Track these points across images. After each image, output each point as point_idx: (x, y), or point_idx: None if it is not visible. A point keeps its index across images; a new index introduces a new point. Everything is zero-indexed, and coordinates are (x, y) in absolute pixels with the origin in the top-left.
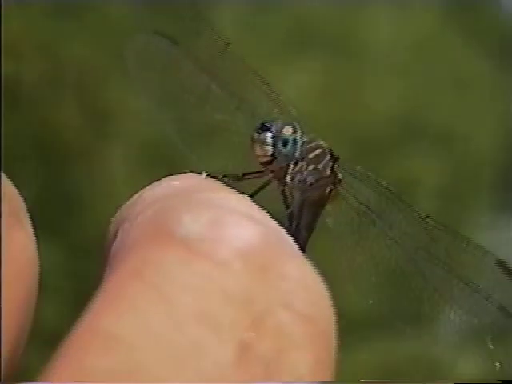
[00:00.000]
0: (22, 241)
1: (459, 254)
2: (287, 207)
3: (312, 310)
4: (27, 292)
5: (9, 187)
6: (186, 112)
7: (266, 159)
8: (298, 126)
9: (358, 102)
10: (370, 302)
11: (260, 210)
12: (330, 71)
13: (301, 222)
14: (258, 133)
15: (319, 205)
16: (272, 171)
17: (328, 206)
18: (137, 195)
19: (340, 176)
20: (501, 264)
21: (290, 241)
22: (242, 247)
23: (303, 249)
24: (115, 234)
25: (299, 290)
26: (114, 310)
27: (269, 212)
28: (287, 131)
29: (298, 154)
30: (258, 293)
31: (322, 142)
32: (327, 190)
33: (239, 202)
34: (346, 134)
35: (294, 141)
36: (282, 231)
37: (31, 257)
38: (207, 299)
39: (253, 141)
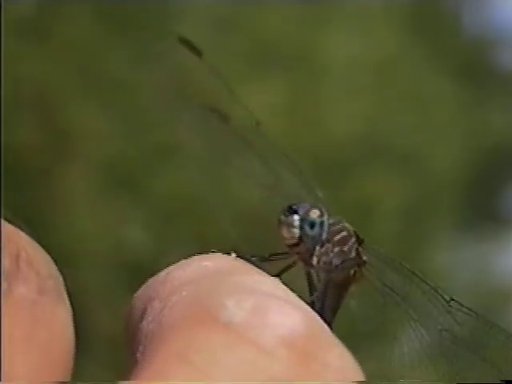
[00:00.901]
0: (65, 315)
1: (483, 337)
2: (312, 289)
3: None
4: (68, 364)
5: (51, 265)
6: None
7: (292, 242)
8: (324, 209)
9: (319, 122)
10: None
11: (294, 293)
12: (291, 91)
13: (325, 304)
14: (286, 215)
15: (343, 286)
16: (298, 253)
17: (352, 288)
18: (164, 272)
19: (365, 258)
20: None
21: (327, 327)
22: (287, 335)
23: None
24: (143, 312)
25: (340, 378)
26: None
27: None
28: (314, 214)
29: (324, 236)
30: (304, 382)
31: (347, 225)
32: (352, 271)
33: (276, 286)
34: (307, 153)
35: (321, 224)
36: (319, 317)
37: (71, 329)
38: None
39: (280, 223)
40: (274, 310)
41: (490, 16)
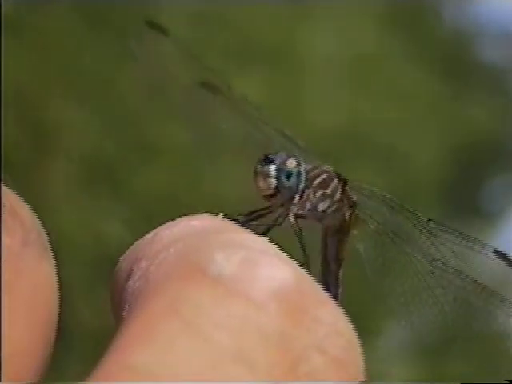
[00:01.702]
0: (49, 269)
1: (464, 253)
2: (302, 245)
3: (344, 355)
4: (52, 317)
5: (35, 219)
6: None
7: (269, 192)
8: (301, 158)
9: (297, 117)
10: (403, 322)
11: (282, 251)
12: (270, 86)
13: (328, 254)
14: (262, 165)
15: (342, 232)
16: (281, 205)
17: (353, 232)
18: (151, 234)
19: (354, 198)
20: (499, 253)
21: (319, 285)
22: (277, 288)
23: (336, 282)
24: (129, 273)
25: (332, 334)
26: (150, 347)
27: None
28: (291, 164)
29: (302, 185)
30: (294, 336)
31: (327, 167)
32: (346, 214)
33: (265, 243)
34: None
35: (298, 173)
36: (308, 274)
37: (55, 284)
38: (244, 339)
39: (256, 173)
40: (263, 263)
41: (470, 10)
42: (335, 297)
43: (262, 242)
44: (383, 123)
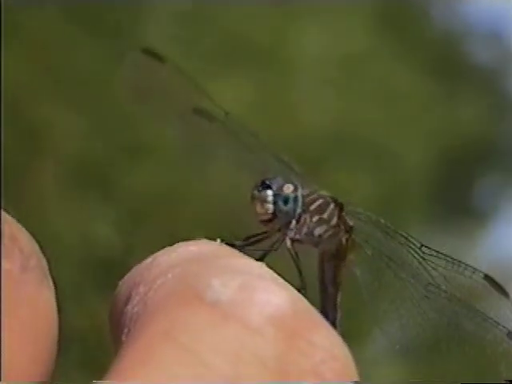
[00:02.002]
0: (49, 295)
1: (456, 278)
2: (298, 269)
3: (340, 379)
4: (52, 343)
5: (34, 245)
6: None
7: (266, 217)
8: (298, 184)
9: (286, 117)
10: (397, 347)
11: (279, 276)
12: (259, 86)
13: (325, 278)
14: (259, 190)
15: (338, 257)
16: (278, 230)
17: (351, 257)
18: (149, 259)
19: (351, 223)
20: (488, 279)
21: (314, 309)
22: (273, 313)
23: (335, 307)
24: (128, 297)
25: (328, 359)
26: (146, 372)
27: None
28: (288, 189)
29: (299, 210)
30: (290, 360)
31: (323, 192)
32: (343, 240)
33: (262, 268)
34: (275, 148)
35: (295, 199)
36: (304, 298)
37: (55, 309)
38: (240, 364)
39: (253, 198)
40: (260, 289)
41: (460, 10)
42: (333, 322)
43: (259, 267)
44: (373, 123)
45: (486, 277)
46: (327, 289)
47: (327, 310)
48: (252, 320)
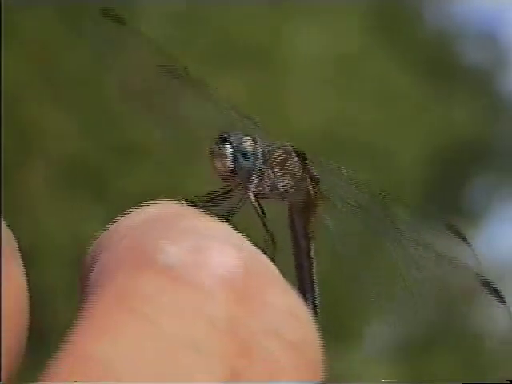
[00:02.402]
0: (20, 276)
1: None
2: (261, 219)
3: (298, 337)
4: (24, 324)
5: (5, 227)
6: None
7: (226, 173)
8: (258, 136)
9: (281, 117)
10: (372, 294)
11: (239, 235)
12: (253, 86)
13: (298, 232)
14: (217, 145)
15: (308, 210)
16: (239, 184)
17: (319, 209)
18: (113, 224)
19: (317, 175)
20: (450, 226)
21: (273, 266)
22: (225, 275)
23: (308, 259)
24: (92, 264)
25: (284, 317)
26: (101, 337)
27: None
28: (247, 142)
29: (259, 163)
30: (242, 321)
31: (284, 143)
32: (310, 192)
33: (219, 228)
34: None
35: (255, 152)
36: (263, 256)
37: (26, 290)
38: (194, 327)
39: (211, 153)
40: (212, 250)
41: (453, 11)
42: (310, 273)
43: (216, 226)
44: (367, 123)
45: (448, 225)
46: (299, 242)
47: (301, 262)
48: (203, 282)
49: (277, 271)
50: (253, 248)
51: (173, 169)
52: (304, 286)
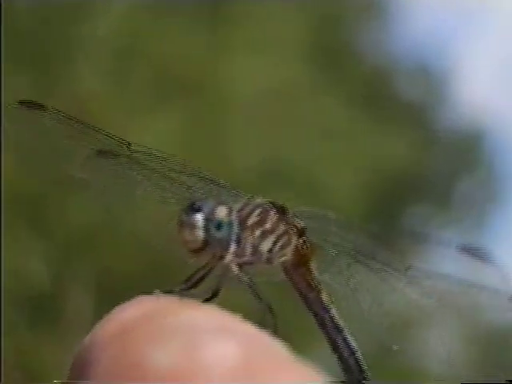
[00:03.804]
0: None
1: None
2: (251, 290)
3: None
4: None
5: None
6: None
7: (196, 245)
8: (232, 204)
9: (217, 152)
10: (395, 347)
11: (231, 317)
12: (190, 121)
13: (300, 288)
14: (187, 214)
15: (302, 264)
16: (220, 258)
17: (313, 263)
18: (88, 337)
19: (301, 224)
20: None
21: (275, 344)
22: (227, 371)
23: (323, 307)
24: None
25: None
26: None
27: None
28: (221, 211)
29: (236, 231)
30: None
31: (258, 200)
32: (298, 245)
33: (207, 316)
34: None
35: (230, 224)
36: (263, 335)
37: None
38: None
39: (181, 224)
40: (205, 345)
41: (389, 47)
42: (332, 319)
43: (204, 315)
44: (305, 159)
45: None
46: (307, 296)
47: (317, 312)
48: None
49: (280, 347)
50: (250, 329)
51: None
52: (337, 344)
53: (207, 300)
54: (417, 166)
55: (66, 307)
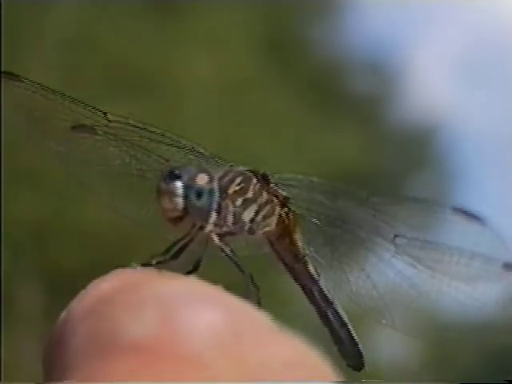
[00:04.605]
0: None
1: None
2: (232, 261)
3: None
4: None
5: None
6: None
7: (175, 214)
8: (213, 172)
9: None
10: (384, 321)
11: (213, 287)
12: (143, 112)
13: (285, 259)
14: (166, 182)
15: (286, 234)
16: (200, 228)
17: (297, 233)
18: (64, 313)
19: (284, 193)
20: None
21: (260, 315)
22: (212, 335)
23: (311, 278)
24: (51, 360)
25: (290, 367)
26: None
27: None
28: (202, 179)
29: (215, 199)
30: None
31: (240, 168)
32: (282, 215)
33: (185, 285)
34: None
35: (211, 192)
36: (247, 306)
37: None
38: None
39: (159, 192)
40: (185, 313)
41: (341, 41)
42: (320, 290)
43: (184, 285)
44: (254, 151)
45: (455, 209)
46: (294, 268)
47: (305, 283)
48: (188, 351)
49: (265, 318)
50: (232, 298)
51: (63, 194)
52: (328, 316)
53: (187, 273)
54: (367, 163)
55: (16, 305)
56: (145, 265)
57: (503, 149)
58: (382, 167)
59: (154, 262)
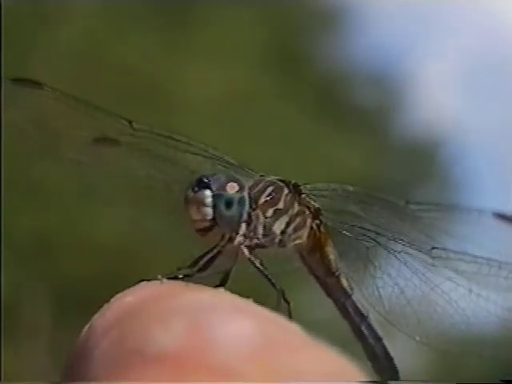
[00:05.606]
0: None
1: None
2: (262, 275)
3: None
4: None
5: None
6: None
7: (204, 225)
8: (244, 182)
9: None
10: (417, 338)
11: (242, 300)
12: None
13: (317, 273)
14: (194, 191)
15: (318, 247)
16: (229, 240)
17: (330, 246)
18: (87, 326)
19: (315, 204)
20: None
21: (293, 327)
22: (245, 347)
23: (344, 292)
24: (74, 373)
25: (320, 377)
26: None
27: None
28: (232, 188)
29: (246, 209)
30: None
31: (270, 178)
32: (314, 227)
33: (214, 297)
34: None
35: (241, 201)
36: (279, 318)
37: None
38: None
39: (187, 201)
40: (216, 325)
41: (348, 53)
42: (354, 304)
43: (209, 296)
44: (260, 164)
45: (494, 214)
46: (326, 282)
47: (338, 298)
48: (219, 361)
49: (297, 328)
50: (262, 309)
51: (70, 207)
52: (362, 331)
53: (215, 286)
54: (372, 174)
55: (22, 316)
56: (171, 278)
57: (508, 158)
58: (386, 179)
59: (180, 275)
